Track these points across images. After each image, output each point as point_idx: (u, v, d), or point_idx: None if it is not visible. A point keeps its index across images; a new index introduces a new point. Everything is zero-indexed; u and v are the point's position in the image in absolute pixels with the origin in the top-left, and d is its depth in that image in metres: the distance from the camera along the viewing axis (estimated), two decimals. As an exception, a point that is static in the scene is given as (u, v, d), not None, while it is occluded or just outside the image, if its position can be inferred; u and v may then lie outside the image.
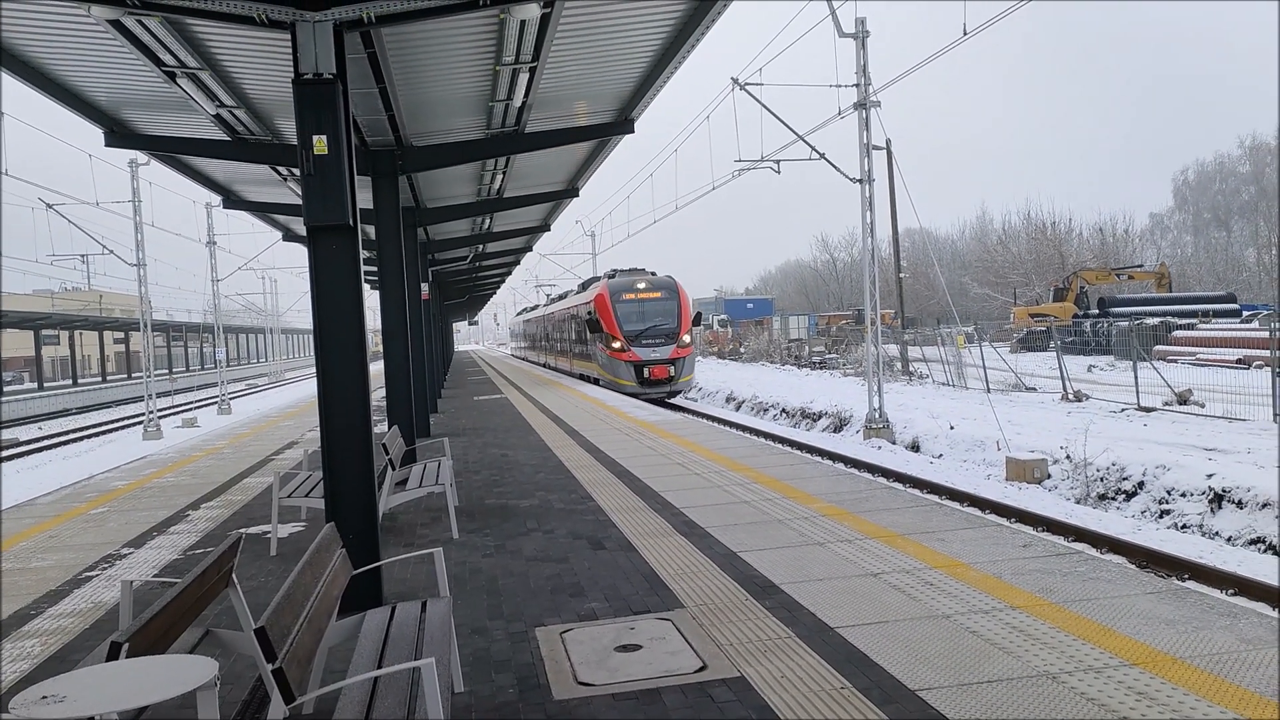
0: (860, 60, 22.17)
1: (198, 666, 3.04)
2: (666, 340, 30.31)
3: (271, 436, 18.95)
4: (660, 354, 29.98)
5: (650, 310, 30.94)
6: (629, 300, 31.00)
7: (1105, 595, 5.73)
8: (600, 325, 31.03)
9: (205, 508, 10.93)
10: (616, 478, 11.18)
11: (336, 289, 6.37)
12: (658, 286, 31.78)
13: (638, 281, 31.81)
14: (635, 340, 30.05)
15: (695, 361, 32.86)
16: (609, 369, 30.54)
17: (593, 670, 4.99)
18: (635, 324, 30.47)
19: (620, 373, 29.96)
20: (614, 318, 30.50)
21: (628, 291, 31.24)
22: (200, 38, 8.84)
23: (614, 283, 32.08)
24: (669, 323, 30.82)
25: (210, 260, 41.72)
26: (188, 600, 3.75)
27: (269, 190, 17.68)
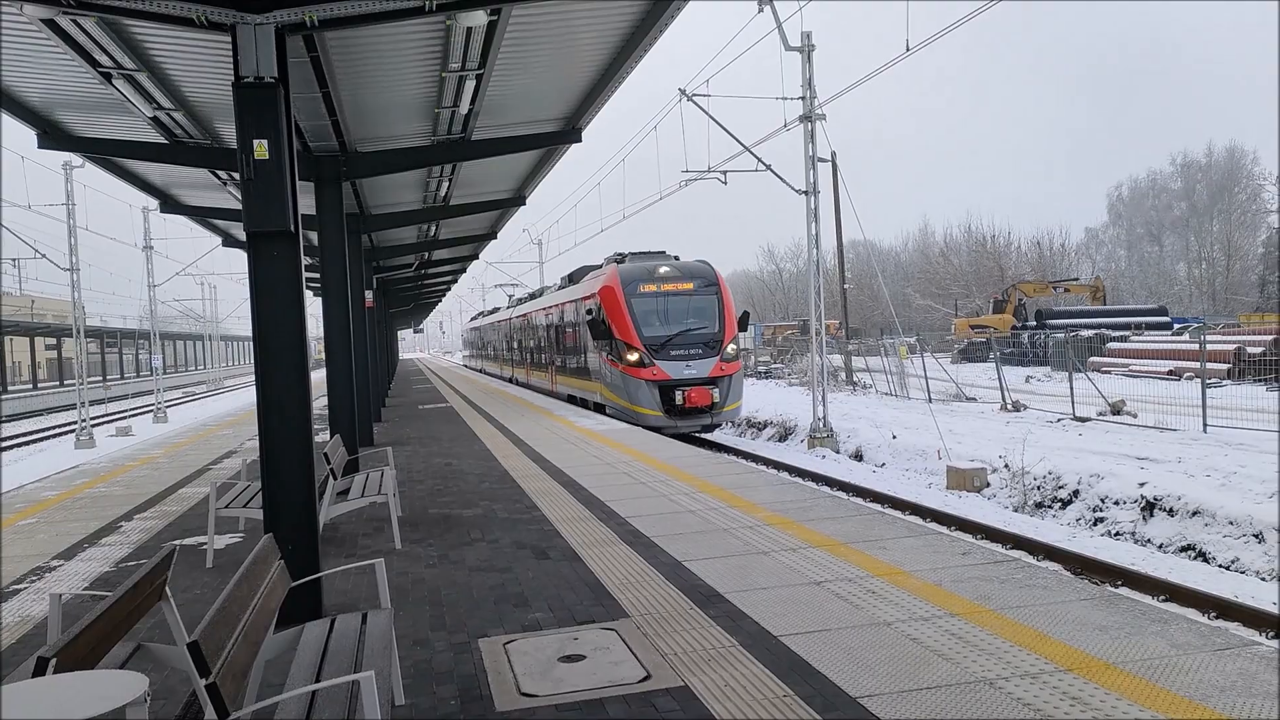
0: (806, 74, 22.45)
1: (127, 682, 2.96)
2: (705, 350, 21.36)
3: (209, 445, 18.55)
4: (697, 370, 21.03)
5: (680, 308, 22.00)
6: (649, 294, 21.95)
7: (1041, 602, 5.84)
8: (607, 329, 21.98)
9: (139, 519, 10.66)
10: (562, 487, 11.14)
11: (277, 295, 6.27)
12: (689, 274, 22.49)
13: (659, 267, 22.47)
14: (660, 350, 21.06)
15: (743, 382, 23.00)
16: (621, 390, 21.54)
17: (536, 681, 4.96)
18: (660, 327, 21.55)
19: (639, 397, 20.98)
20: (629, 318, 21.40)
21: (647, 281, 22.06)
22: (138, 39, 8.66)
23: (627, 269, 22.65)
24: (707, 325, 21.79)
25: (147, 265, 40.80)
26: (119, 614, 3.65)
27: (208, 195, 17.35)
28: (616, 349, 21.77)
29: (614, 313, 21.89)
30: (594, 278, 24.67)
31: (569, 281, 28.97)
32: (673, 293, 22.19)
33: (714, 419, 21.64)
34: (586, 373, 24.53)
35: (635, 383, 21.16)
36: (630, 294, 21.88)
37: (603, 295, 22.50)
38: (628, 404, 21.40)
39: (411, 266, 32.62)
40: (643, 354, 21.17)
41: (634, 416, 20.80)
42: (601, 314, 22.29)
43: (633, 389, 21.14)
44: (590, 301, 23.53)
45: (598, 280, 23.49)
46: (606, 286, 22.55)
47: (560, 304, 28.47)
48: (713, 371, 21.37)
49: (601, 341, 22.49)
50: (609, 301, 22.16)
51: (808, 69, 22.41)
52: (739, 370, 21.98)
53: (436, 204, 19.25)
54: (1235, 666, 4.65)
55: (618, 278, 22.31)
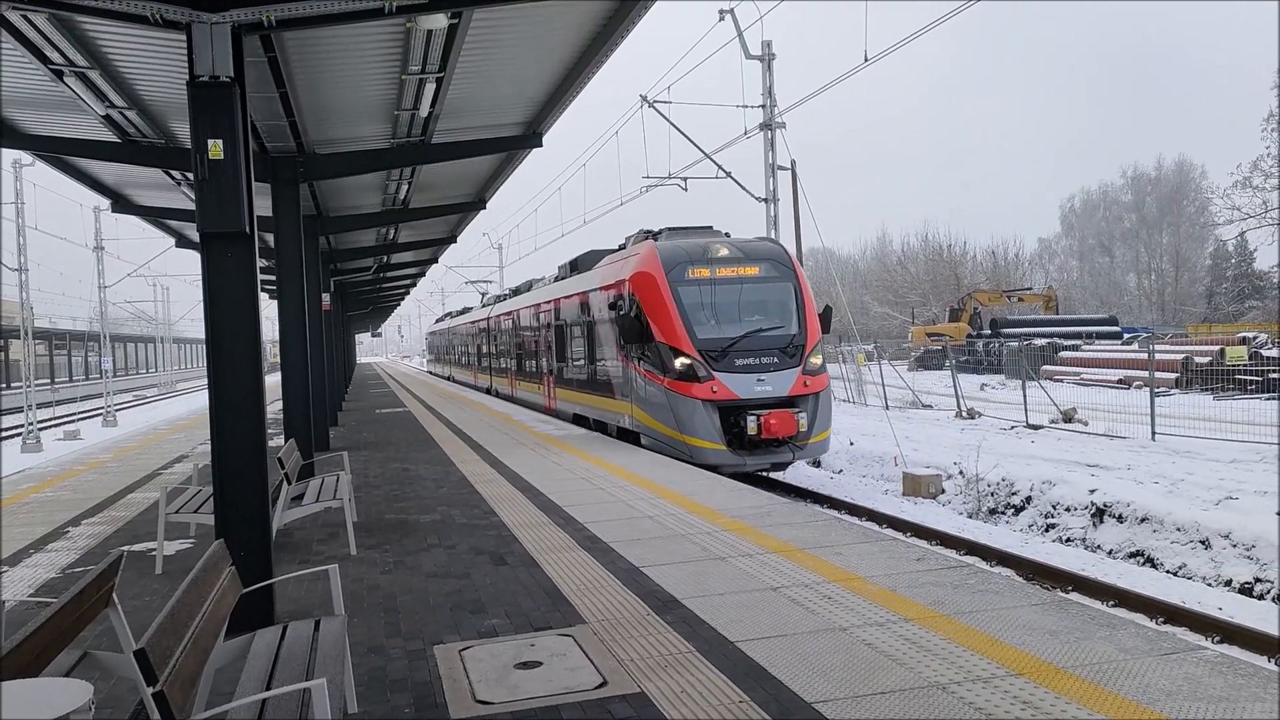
0: (766, 82, 22.63)
1: (71, 690, 2.89)
2: (782, 359, 15.56)
3: (160, 450, 18.23)
4: (773, 386, 15.26)
5: (745, 300, 16.15)
6: (701, 282, 15.97)
7: (994, 607, 5.92)
8: (643, 328, 15.87)
9: (86, 524, 10.44)
10: (520, 492, 11.09)
11: (231, 297, 6.19)
12: (753, 255, 16.58)
13: (713, 245, 16.48)
14: (721, 359, 15.19)
15: (831, 400, 16.55)
16: (665, 413, 15.43)
17: (491, 688, 4.93)
18: (719, 326, 15.65)
19: (692, 423, 15.00)
20: (676, 314, 15.50)
21: (697, 264, 16.11)
22: (91, 36, 8.51)
23: (668, 248, 16.47)
24: (783, 324, 15.93)
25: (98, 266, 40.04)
26: (64, 621, 3.57)
27: (162, 195, 17.07)
28: (656, 356, 15.40)
29: (653, 307, 15.61)
30: (617, 262, 18.03)
31: (571, 270, 22.62)
32: (733, 280, 16.04)
33: (796, 454, 15.17)
34: (606, 388, 18.10)
35: (687, 403, 14.84)
36: (676, 281, 15.68)
37: (636, 284, 16.11)
38: (674, 432, 15.05)
39: (370, 269, 32.33)
40: (696, 363, 14.93)
41: (682, 450, 14.75)
42: (635, 309, 15.92)
43: (683, 411, 14.84)
44: (614, 293, 17.24)
45: (626, 264, 17.00)
46: (642, 273, 16.07)
47: (562, 299, 21.95)
48: (794, 388, 15.12)
49: (634, 346, 16.14)
50: (646, 292, 15.86)
51: (768, 77, 22.59)
52: (827, 387, 15.77)
53: (396, 207, 19.10)
54: (1182, 671, 4.74)
55: (657, 260, 15.90)
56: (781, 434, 14.62)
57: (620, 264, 17.63)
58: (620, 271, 17.28)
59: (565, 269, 23.48)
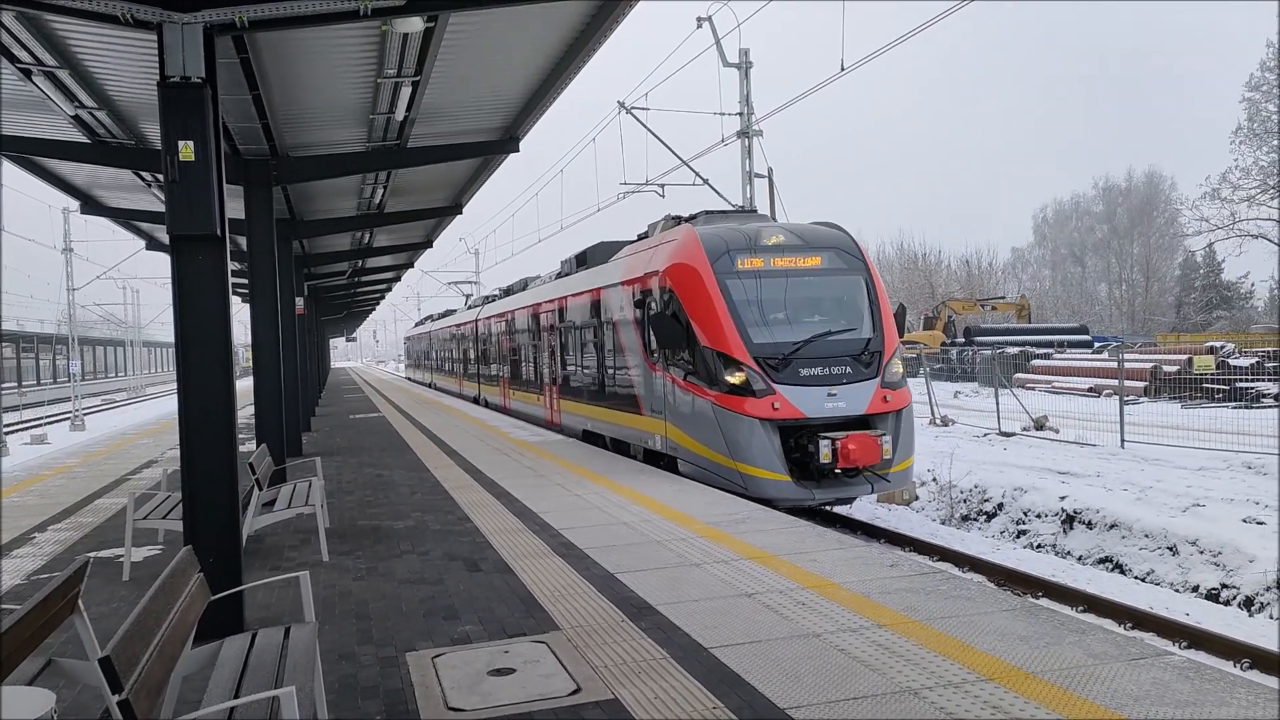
0: (743, 90, 22.72)
1: (33, 699, 2.85)
2: (856, 368, 12.72)
3: (128, 455, 18.00)
4: (847, 402, 12.46)
5: (807, 297, 13.44)
6: (753, 274, 13.18)
7: (966, 613, 5.95)
8: (682, 330, 13.08)
9: (53, 530, 10.29)
10: (495, 498, 11.04)
11: (201, 301, 6.12)
12: (815, 242, 13.78)
13: (764, 231, 13.74)
14: (783, 368, 12.43)
15: (914, 421, 13.59)
16: (710, 434, 12.57)
17: (464, 695, 4.90)
18: (777, 328, 12.88)
19: (748, 446, 12.16)
20: (724, 313, 12.72)
21: (747, 253, 13.29)
22: (60, 35, 8.41)
23: (711, 233, 13.68)
24: (854, 327, 13.21)
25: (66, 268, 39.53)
26: (28, 628, 3.50)
27: (132, 196, 16.88)
28: (701, 364, 12.54)
29: (696, 304, 12.72)
30: (643, 252, 15.05)
31: (578, 264, 19.78)
32: (792, 272, 13.17)
33: (876, 486, 12.28)
34: (628, 401, 15.03)
35: (741, 423, 11.99)
36: (724, 274, 12.81)
37: (673, 277, 13.22)
38: (723, 458, 12.18)
39: (345, 274, 32.13)
40: (752, 373, 12.09)
41: (733, 479, 12.00)
42: (671, 307, 13.13)
43: (737, 433, 12.01)
44: (640, 289, 14.33)
45: (658, 254, 14.05)
46: (681, 264, 13.17)
47: (569, 297, 18.93)
48: (872, 404, 12.33)
49: (669, 352, 13.28)
50: (686, 286, 12.97)
51: (745, 85, 22.68)
52: (910, 404, 12.88)
53: (371, 211, 19.01)
54: (1149, 676, 4.78)
55: (700, 248, 13.05)
56: (862, 462, 11.68)
57: (649, 254, 14.53)
58: (650, 263, 14.17)
59: (570, 264, 20.49)
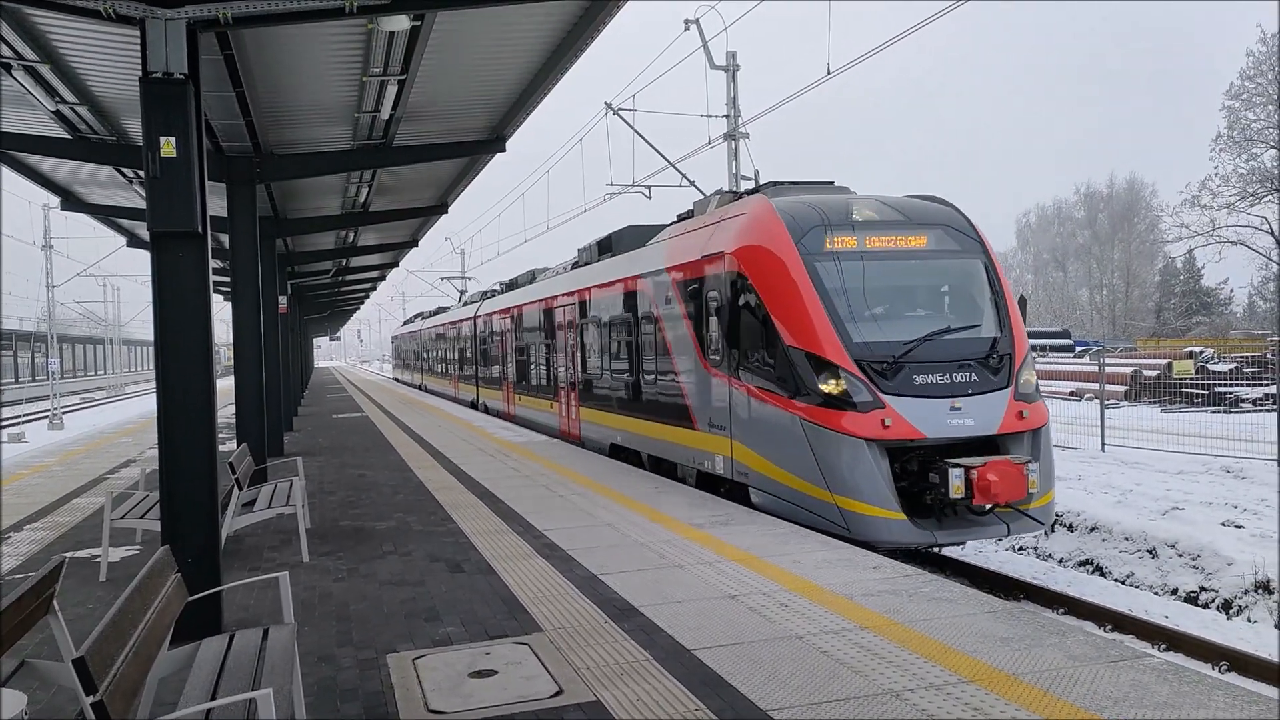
0: (730, 92, 22.74)
1: (6, 700, 2.80)
2: (982, 374, 9.98)
3: (107, 454, 17.85)
4: (975, 418, 9.69)
5: (913, 286, 10.92)
6: (847, 255, 10.42)
7: (948, 615, 5.97)
8: (763, 324, 10.39)
9: (29, 529, 10.19)
10: (479, 499, 11.00)
11: (181, 298, 6.07)
12: (919, 219, 11.01)
13: (857, 205, 10.99)
14: (891, 374, 9.71)
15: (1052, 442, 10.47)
16: (797, 458, 9.85)
17: (445, 697, 4.87)
18: (878, 325, 10.15)
19: (850, 474, 9.37)
20: (816, 305, 9.97)
21: (840, 231, 10.54)
22: (41, 29, 8.33)
23: (793, 206, 10.88)
24: (975, 323, 10.53)
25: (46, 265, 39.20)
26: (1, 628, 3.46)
27: (113, 193, 16.75)
28: (785, 368, 9.98)
29: (779, 293, 10.17)
30: (699, 231, 12.35)
31: (600, 252, 17.37)
32: (894, 253, 10.57)
33: (1015, 526, 9.72)
34: (676, 412, 12.50)
35: (841, 444, 9.44)
36: (811, 255, 10.22)
37: (747, 260, 10.60)
38: (817, 489, 9.59)
39: (329, 272, 31.97)
40: (854, 379, 9.58)
41: (831, 517, 9.46)
42: (745, 295, 10.58)
43: (835, 456, 9.47)
44: (700, 273, 11.66)
45: (723, 233, 11.35)
46: (756, 245, 10.56)
47: (593, 288, 16.30)
48: (1006, 421, 9.76)
49: (743, 353, 10.66)
50: (765, 271, 10.34)
51: (732, 88, 22.70)
52: (1048, 422, 10.17)
53: (356, 210, 18.92)
54: (1129, 678, 4.81)
55: (781, 225, 10.42)
56: (1005, 498, 9.11)
57: (706, 234, 11.85)
58: (709, 243, 11.49)
59: (590, 252, 18.20)
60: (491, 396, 27.09)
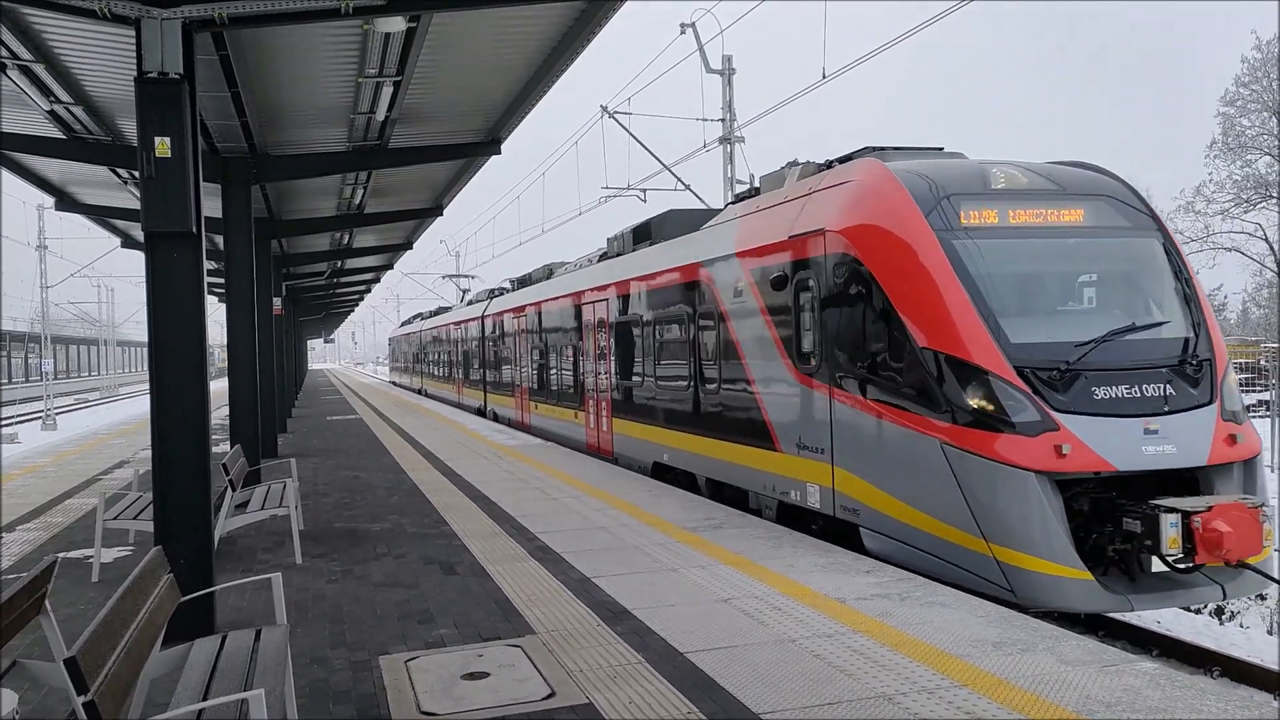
0: (726, 96, 22.77)
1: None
2: (1178, 385, 7.63)
3: (100, 455, 17.80)
4: (1176, 442, 7.32)
5: (1072, 271, 8.49)
6: (990, 233, 8.19)
7: (940, 619, 5.97)
8: (885, 318, 8.13)
9: (21, 530, 10.16)
10: (472, 501, 10.99)
11: (176, 299, 6.07)
12: (1072, 189, 8.68)
13: (995, 172, 8.60)
14: (1063, 386, 7.41)
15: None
16: (938, 495, 7.53)
17: (437, 699, 4.86)
18: (1039, 320, 7.98)
19: (1017, 519, 7.07)
20: (954, 290, 7.73)
21: (978, 202, 8.32)
22: (36, 28, 8.32)
23: (915, 171, 8.62)
24: (1163, 318, 8.21)
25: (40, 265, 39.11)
26: (-9, 629, 3.45)
27: (108, 193, 16.72)
28: (916, 374, 7.90)
29: (904, 278, 8.18)
30: (786, 206, 10.02)
31: (636, 240, 15.37)
32: (1047, 230, 8.56)
33: (1233, 587, 7.52)
34: (750, 429, 10.44)
35: (1000, 477, 7.25)
36: (946, 231, 8.21)
37: (860, 237, 8.64)
38: (963, 535, 7.45)
39: (324, 274, 31.94)
40: (1013, 391, 7.43)
41: (986, 572, 7.33)
42: (861, 285, 8.55)
43: (990, 492, 7.29)
44: (789, 258, 9.57)
45: (820, 205, 9.30)
46: (873, 220, 8.58)
47: (635, 281, 14.24)
48: (1216, 450, 7.57)
49: (853, 357, 8.61)
50: (885, 251, 8.39)
51: (728, 92, 22.73)
52: (1261, 449, 8.05)
53: (351, 211, 18.90)
54: (1121, 683, 4.82)
55: (906, 194, 8.42)
56: (1238, 554, 6.90)
57: (798, 209, 9.57)
58: (801, 220, 9.36)
59: (623, 241, 15.91)
60: (502, 404, 25.01)
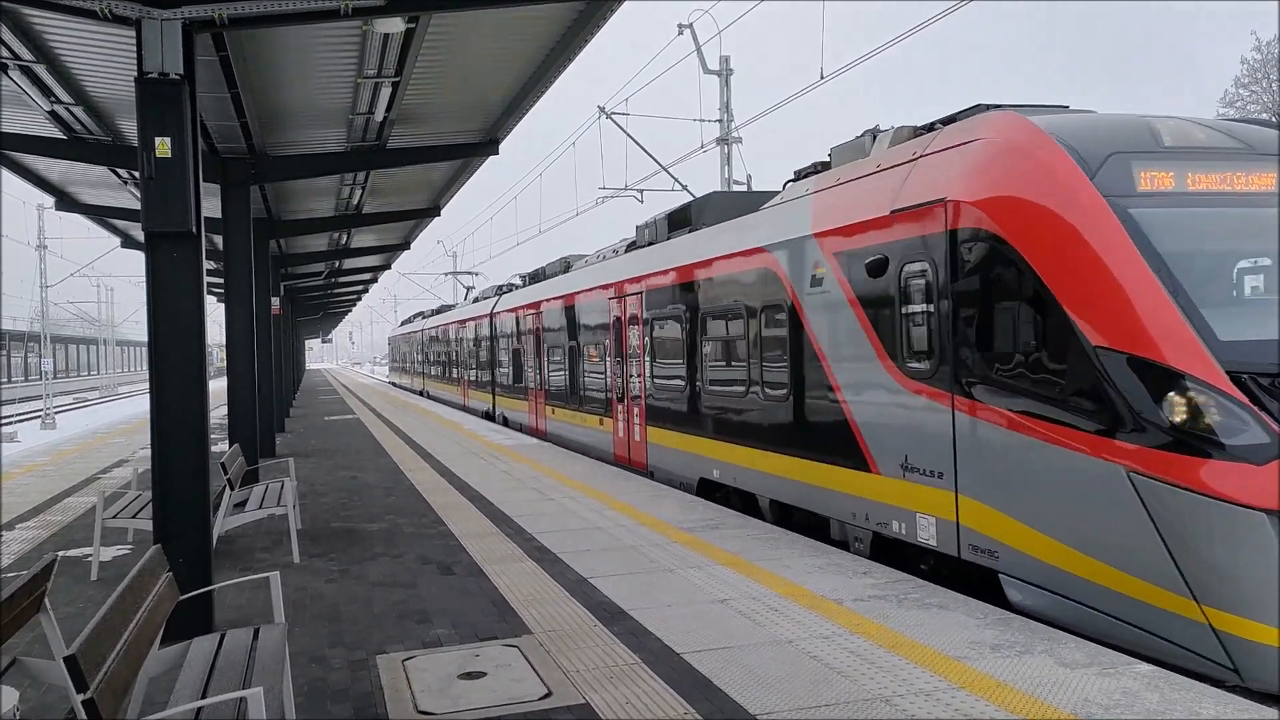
0: (723, 97, 22.79)
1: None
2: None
3: (100, 454, 17.80)
4: None
5: (1274, 249, 6.28)
6: (1178, 199, 6.36)
7: (938, 621, 5.98)
8: (1042, 310, 6.29)
9: (20, 528, 10.16)
10: (470, 502, 11.00)
11: (175, 299, 6.08)
12: (1261, 147, 6.73)
13: (1161, 126, 6.76)
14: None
15: None
16: (1123, 537, 5.77)
17: (434, 699, 4.87)
18: (1254, 314, 6.12)
19: (1242, 573, 5.22)
20: (1138, 273, 5.92)
21: (1158, 161, 6.49)
22: (37, 29, 8.34)
23: (1061, 124, 6.80)
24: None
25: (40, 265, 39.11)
26: (-9, 627, 3.46)
27: (108, 193, 16.74)
28: (1086, 381, 6.03)
29: (1067, 260, 6.22)
30: (887, 173, 8.14)
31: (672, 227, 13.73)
32: (1244, 200, 6.54)
33: None
34: (834, 444, 8.77)
35: (1219, 517, 5.38)
36: (1121, 198, 6.27)
37: (1001, 210, 6.67)
38: (1165, 594, 5.60)
39: (322, 274, 31.95)
40: (1230, 403, 5.54)
41: (1199, 644, 5.47)
42: (1005, 268, 6.66)
43: (1203, 537, 5.43)
44: (894, 238, 7.76)
45: (947, 169, 7.27)
46: (1013, 195, 6.64)
47: (675, 270, 12.41)
48: None
49: (983, 356, 6.82)
50: (1038, 226, 6.41)
51: (725, 93, 22.75)
52: None
53: (349, 212, 18.93)
54: (1119, 685, 4.83)
55: (1063, 153, 6.50)
56: None
57: (901, 177, 7.87)
58: (913, 190, 7.61)
59: (657, 228, 14.02)
60: (512, 407, 23.11)
